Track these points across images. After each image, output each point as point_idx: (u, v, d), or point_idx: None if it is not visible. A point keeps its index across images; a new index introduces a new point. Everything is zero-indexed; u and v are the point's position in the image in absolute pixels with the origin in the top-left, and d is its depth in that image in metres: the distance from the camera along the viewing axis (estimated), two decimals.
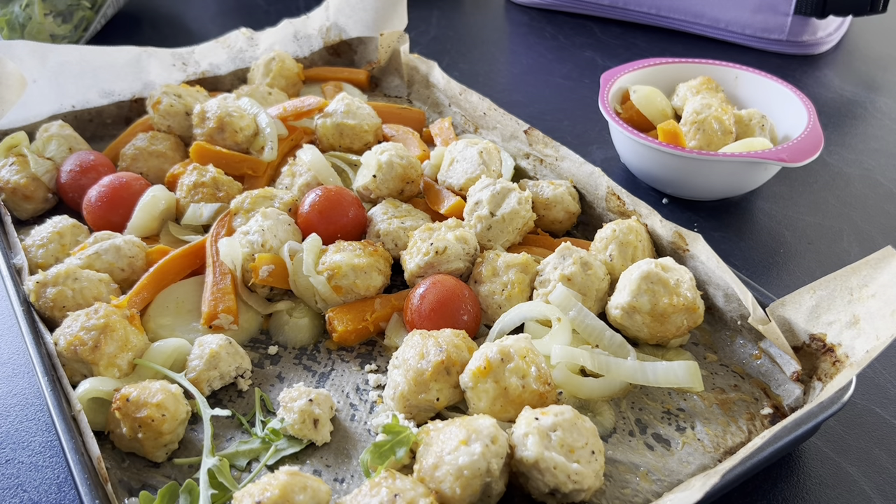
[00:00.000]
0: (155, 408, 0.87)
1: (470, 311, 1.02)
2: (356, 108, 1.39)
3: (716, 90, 1.44)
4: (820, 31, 1.89)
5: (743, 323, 1.01)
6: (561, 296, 1.00)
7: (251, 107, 1.38)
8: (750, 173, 1.28)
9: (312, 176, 1.27)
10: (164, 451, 0.89)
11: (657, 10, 2.02)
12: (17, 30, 1.92)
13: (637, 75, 1.49)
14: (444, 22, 2.17)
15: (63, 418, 0.85)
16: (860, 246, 1.27)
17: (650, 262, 1.00)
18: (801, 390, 0.94)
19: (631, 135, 1.30)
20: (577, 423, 0.81)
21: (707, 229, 1.31)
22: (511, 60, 1.98)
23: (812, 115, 1.32)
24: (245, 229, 1.13)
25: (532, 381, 0.87)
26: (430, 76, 1.58)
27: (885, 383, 1.02)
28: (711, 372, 0.99)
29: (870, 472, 0.90)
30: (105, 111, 1.52)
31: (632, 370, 0.95)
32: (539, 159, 1.32)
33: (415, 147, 1.40)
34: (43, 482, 0.91)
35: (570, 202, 1.21)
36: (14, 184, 1.28)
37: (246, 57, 1.67)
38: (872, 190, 1.41)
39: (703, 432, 0.91)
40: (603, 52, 1.96)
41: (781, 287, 1.17)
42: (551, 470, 0.77)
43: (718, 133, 1.32)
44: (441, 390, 0.89)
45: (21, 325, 0.99)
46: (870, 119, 1.65)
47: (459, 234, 1.09)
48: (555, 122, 1.66)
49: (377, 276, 1.08)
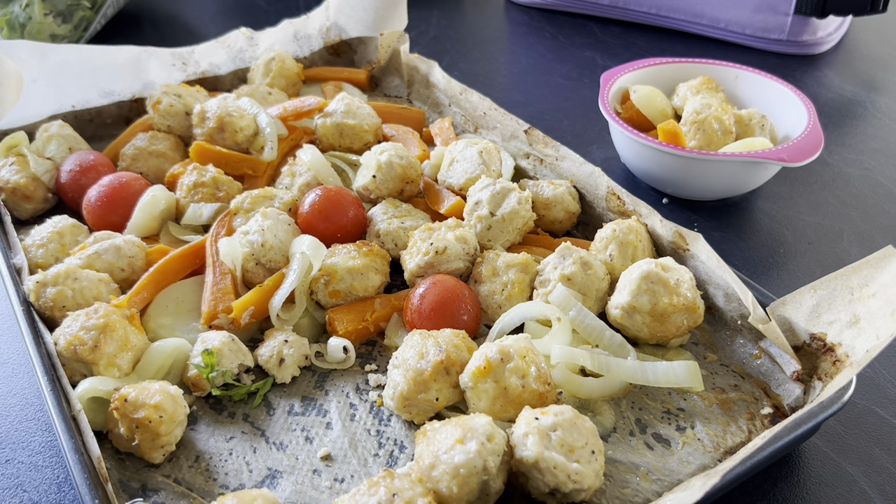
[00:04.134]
0: (153, 409, 0.87)
1: (470, 311, 1.02)
2: (356, 108, 1.39)
3: (716, 90, 1.44)
4: (820, 31, 1.89)
5: (743, 322, 1.01)
6: (561, 296, 1.00)
7: (251, 107, 1.38)
8: (750, 173, 1.28)
9: (312, 176, 1.27)
10: (161, 452, 0.89)
11: (657, 10, 2.02)
12: (17, 30, 1.92)
13: (637, 75, 1.49)
14: (444, 22, 2.17)
15: (63, 418, 0.85)
16: (860, 246, 1.27)
17: (650, 261, 1.00)
18: (801, 390, 0.94)
19: (631, 135, 1.30)
20: (577, 422, 0.81)
21: (707, 229, 1.31)
22: (511, 60, 1.98)
23: (812, 115, 1.32)
24: (245, 229, 1.13)
25: (532, 381, 0.87)
26: (430, 76, 1.58)
27: (885, 383, 1.02)
28: (711, 372, 0.99)
29: (870, 472, 0.90)
30: (105, 111, 1.52)
31: (632, 370, 0.95)
32: (539, 159, 1.32)
33: (415, 147, 1.40)
34: (43, 482, 0.91)
35: (570, 202, 1.21)
36: (14, 184, 1.28)
37: (246, 57, 1.67)
38: (872, 190, 1.41)
39: (703, 432, 0.91)
40: (603, 51, 1.97)
41: (781, 287, 1.17)
42: (551, 470, 0.77)
43: (718, 133, 1.32)
44: (441, 390, 0.89)
45: (21, 324, 0.99)
46: (870, 119, 1.65)
47: (459, 234, 1.09)
48: (555, 121, 1.66)
49: (375, 276, 1.08)
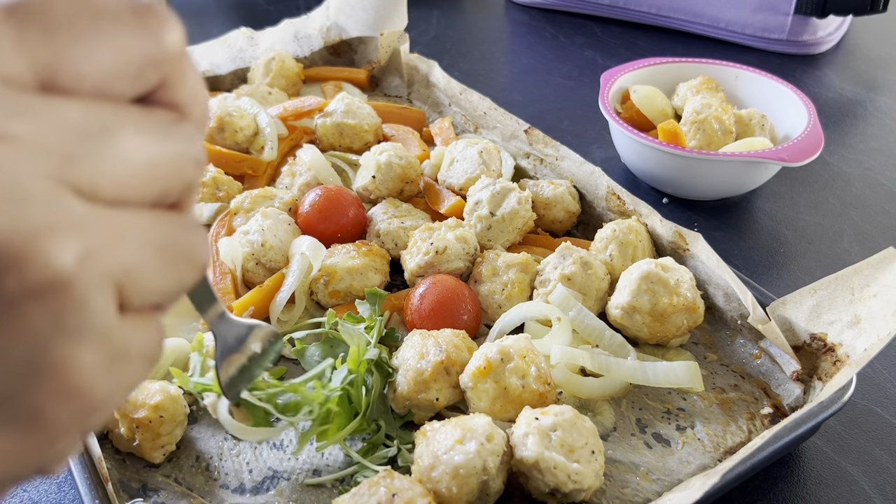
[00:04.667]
0: (153, 409, 0.87)
1: (470, 310, 1.02)
2: (356, 108, 1.39)
3: (716, 90, 1.44)
4: (820, 31, 1.89)
5: (743, 322, 1.01)
6: (561, 296, 1.00)
7: (251, 107, 1.38)
8: (750, 173, 1.28)
9: (312, 176, 1.27)
10: (162, 452, 0.89)
11: (657, 10, 2.02)
12: None
13: (637, 75, 1.49)
14: (444, 22, 2.17)
15: None
16: (860, 246, 1.27)
17: (650, 261, 1.00)
18: (801, 390, 0.94)
19: (631, 134, 1.30)
20: (577, 423, 0.81)
21: (707, 229, 1.31)
22: (511, 60, 1.98)
23: (812, 115, 1.32)
24: (245, 229, 1.13)
25: (532, 381, 0.87)
26: (431, 76, 1.58)
27: (886, 383, 1.02)
28: (711, 372, 0.99)
29: (870, 472, 0.90)
30: None
31: (632, 370, 0.95)
32: (539, 159, 1.32)
33: (415, 147, 1.40)
34: (43, 482, 0.91)
35: (570, 202, 1.21)
36: None
37: (246, 56, 1.66)
38: (873, 190, 1.41)
39: (703, 432, 0.91)
40: (603, 51, 1.96)
41: (781, 287, 1.17)
42: (551, 470, 0.77)
43: (718, 133, 1.32)
44: (441, 390, 0.89)
45: None
46: (870, 119, 1.65)
47: (459, 234, 1.09)
48: (555, 121, 1.65)
49: (374, 276, 1.08)
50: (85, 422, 0.34)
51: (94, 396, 0.33)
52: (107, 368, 0.33)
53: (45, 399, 0.31)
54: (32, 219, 0.30)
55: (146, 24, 0.35)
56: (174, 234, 0.37)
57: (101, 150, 0.33)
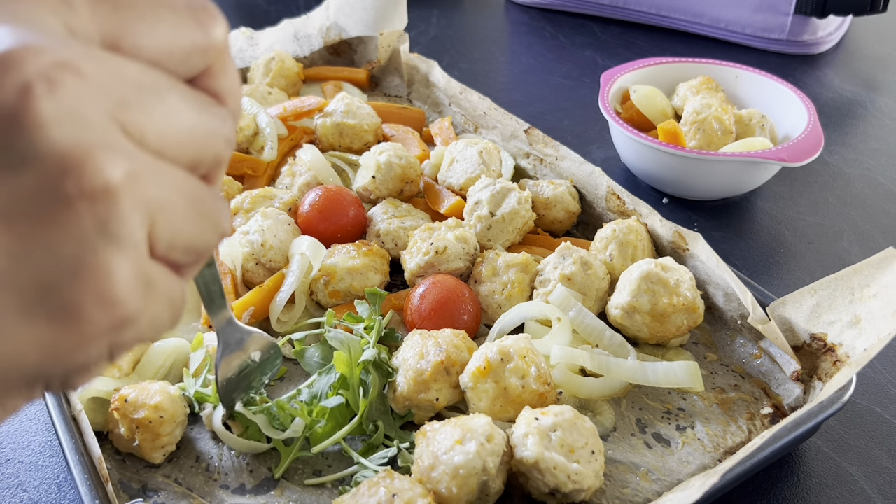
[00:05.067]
0: (153, 409, 0.87)
1: (470, 311, 1.02)
2: (356, 108, 1.39)
3: (716, 90, 1.44)
4: (820, 31, 1.89)
5: (743, 322, 1.01)
6: (561, 296, 1.00)
7: (251, 106, 1.38)
8: (750, 173, 1.28)
9: (312, 176, 1.27)
10: (162, 452, 0.88)
11: (657, 10, 2.02)
12: None
13: (637, 75, 1.49)
14: (444, 22, 2.17)
15: (63, 418, 0.85)
16: (860, 246, 1.27)
17: (650, 261, 1.00)
18: (801, 390, 0.94)
19: (631, 134, 1.30)
20: (577, 423, 0.81)
21: (707, 229, 1.31)
22: (511, 60, 1.98)
23: (812, 115, 1.32)
24: (245, 229, 1.13)
25: (532, 381, 0.87)
26: (430, 76, 1.58)
27: (886, 383, 1.02)
28: (711, 372, 0.99)
29: (870, 472, 0.90)
30: None
31: (632, 370, 0.95)
32: (539, 159, 1.32)
33: (415, 147, 1.40)
34: (43, 482, 0.91)
35: (570, 202, 1.21)
36: None
37: (246, 56, 1.66)
38: (873, 190, 1.41)
39: (703, 432, 0.91)
40: (603, 51, 1.96)
41: (781, 287, 1.17)
42: (551, 470, 0.77)
43: (718, 133, 1.32)
44: (441, 390, 0.89)
45: None
46: (870, 119, 1.65)
47: (459, 234, 1.09)
48: (555, 121, 1.65)
49: (374, 276, 1.08)
50: (114, 334, 0.36)
51: (126, 308, 0.36)
52: (138, 287, 0.37)
53: (83, 298, 0.35)
54: (92, 136, 0.34)
55: (197, 17, 0.41)
56: (204, 194, 0.41)
57: (151, 104, 0.37)
